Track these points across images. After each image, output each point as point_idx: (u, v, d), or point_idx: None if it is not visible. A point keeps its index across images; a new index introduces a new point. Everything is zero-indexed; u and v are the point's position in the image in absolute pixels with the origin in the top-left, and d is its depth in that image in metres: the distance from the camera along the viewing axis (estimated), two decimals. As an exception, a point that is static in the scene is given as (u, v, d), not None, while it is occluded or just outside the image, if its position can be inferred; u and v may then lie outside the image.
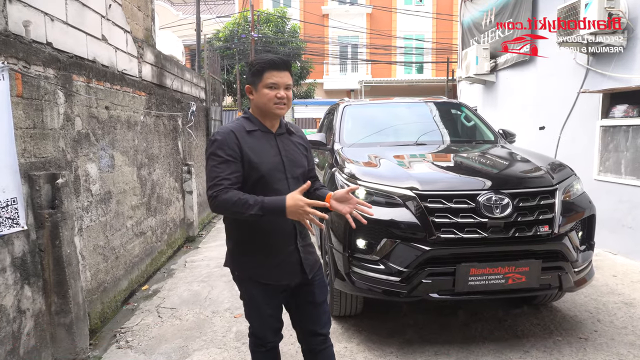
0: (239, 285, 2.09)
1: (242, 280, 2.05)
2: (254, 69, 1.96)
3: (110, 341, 3.30)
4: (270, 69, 1.93)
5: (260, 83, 1.93)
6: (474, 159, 3.50)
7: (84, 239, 3.38)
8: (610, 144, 5.12)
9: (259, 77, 1.94)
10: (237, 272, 2.05)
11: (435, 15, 23.45)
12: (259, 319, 2.09)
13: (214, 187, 1.83)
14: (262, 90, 1.93)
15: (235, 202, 1.79)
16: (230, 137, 1.90)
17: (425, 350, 2.99)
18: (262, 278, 1.98)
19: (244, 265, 2.01)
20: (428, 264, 2.71)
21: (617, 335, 3.16)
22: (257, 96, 1.96)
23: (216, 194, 1.81)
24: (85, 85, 3.50)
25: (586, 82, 5.40)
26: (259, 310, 2.06)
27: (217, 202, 1.81)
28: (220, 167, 1.85)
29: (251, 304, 2.06)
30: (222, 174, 1.84)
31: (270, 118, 2.00)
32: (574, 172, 3.24)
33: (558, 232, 2.79)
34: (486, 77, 7.90)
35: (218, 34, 20.26)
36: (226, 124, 2.05)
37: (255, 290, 2.02)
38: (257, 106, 1.98)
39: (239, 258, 2.02)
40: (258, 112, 2.01)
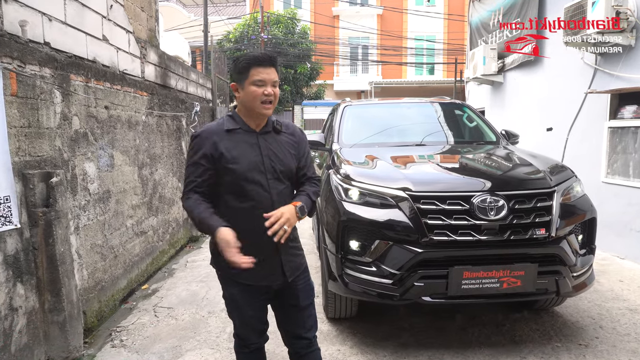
0: (221, 284, 2.08)
1: (223, 279, 2.05)
2: (239, 66, 1.91)
3: (106, 340, 3.31)
4: (256, 65, 1.88)
5: (246, 80, 1.88)
6: (472, 160, 3.44)
7: (81, 237, 3.40)
8: (619, 145, 5.00)
9: (245, 74, 1.89)
10: (219, 271, 2.04)
11: (447, 15, 23.27)
12: (240, 319, 2.08)
13: (185, 191, 1.94)
14: (248, 87, 1.88)
15: (191, 211, 1.90)
16: (208, 138, 1.90)
17: (419, 355, 2.94)
18: (241, 278, 1.94)
19: (224, 264, 1.91)
20: (420, 266, 2.66)
21: (619, 342, 3.07)
22: (244, 94, 1.90)
23: (184, 199, 1.94)
24: (84, 85, 3.52)
25: (594, 83, 5.28)
26: (240, 311, 2.04)
27: (184, 205, 1.95)
28: (191, 169, 1.92)
29: (232, 304, 2.05)
30: (190, 176, 1.92)
31: (255, 117, 1.95)
32: (574, 174, 3.16)
33: (556, 235, 2.72)
34: (494, 78, 7.80)
35: (228, 35, 20.36)
36: (210, 122, 2.06)
37: (235, 290, 1.99)
38: (243, 104, 1.94)
39: (220, 257, 1.92)
40: (244, 110, 1.96)
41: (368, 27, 23.53)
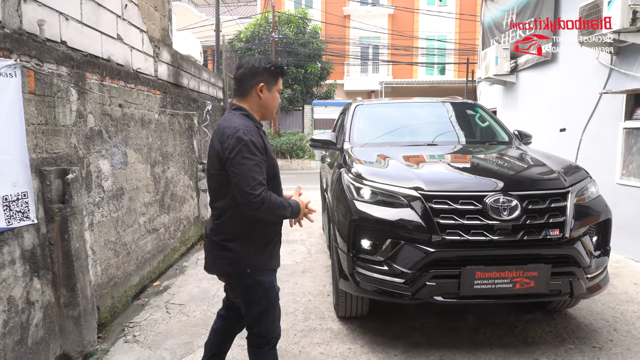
0: (252, 282, 2.03)
1: (260, 273, 2.03)
2: (273, 70, 2.02)
3: (119, 335, 3.35)
4: (282, 75, 2.09)
5: (275, 86, 2.04)
6: (485, 160, 3.42)
7: (95, 233, 3.44)
8: (634, 146, 4.93)
9: (275, 80, 2.04)
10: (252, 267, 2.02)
11: (459, 15, 23.13)
12: (273, 312, 2.11)
13: (256, 189, 1.84)
14: (275, 93, 2.05)
15: (279, 205, 1.93)
16: (259, 137, 1.93)
17: (430, 355, 2.93)
18: (274, 265, 2.10)
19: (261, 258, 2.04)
20: (433, 266, 2.66)
21: (635, 345, 3.03)
22: (269, 97, 2.04)
23: (262, 197, 1.85)
24: (99, 83, 3.56)
25: (609, 83, 5.21)
26: (272, 302, 2.09)
27: (266, 204, 1.86)
28: (259, 167, 1.88)
29: (269, 295, 2.07)
30: (260, 176, 1.87)
31: (265, 118, 2.11)
32: (589, 175, 3.12)
33: (570, 236, 2.69)
34: (506, 78, 7.73)
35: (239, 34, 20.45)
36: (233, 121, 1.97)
37: (272, 277, 2.10)
38: (264, 106, 2.05)
39: (257, 253, 2.02)
40: (259, 111, 2.05)
41: (379, 27, 23.48)
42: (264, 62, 2.02)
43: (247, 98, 2.03)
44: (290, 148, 18.87)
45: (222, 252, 2.03)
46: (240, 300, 2.13)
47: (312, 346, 3.08)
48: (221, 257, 2.05)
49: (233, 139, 1.87)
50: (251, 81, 2.01)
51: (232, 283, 2.12)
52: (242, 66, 2.05)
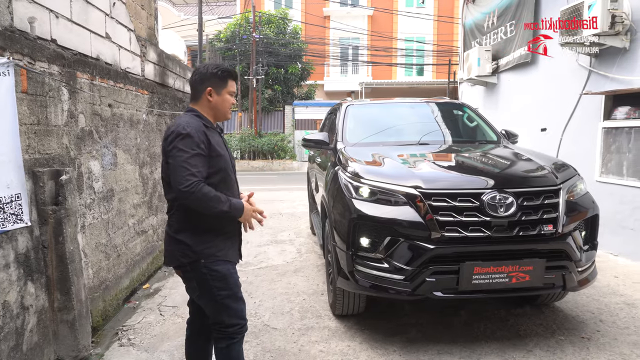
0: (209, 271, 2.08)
1: (214, 262, 2.08)
2: (220, 74, 2.15)
3: (112, 339, 3.29)
4: (232, 78, 2.20)
5: (225, 89, 2.17)
6: (478, 158, 3.50)
7: (87, 236, 3.38)
8: (613, 145, 5.13)
9: (224, 83, 2.16)
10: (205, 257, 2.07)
11: (437, 17, 23.50)
12: (236, 300, 2.16)
13: (189, 179, 1.91)
14: (225, 95, 2.17)
15: (212, 197, 1.97)
16: (201, 132, 2.02)
17: (428, 349, 2.99)
18: (230, 257, 2.16)
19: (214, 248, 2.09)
20: (432, 262, 2.71)
21: (620, 335, 3.15)
22: (220, 100, 2.16)
23: (194, 187, 1.92)
24: (89, 83, 3.50)
25: (588, 84, 5.41)
26: (237, 286, 2.17)
27: (197, 195, 1.92)
28: (194, 160, 1.95)
29: (227, 281, 2.11)
30: (194, 168, 1.95)
31: (218, 120, 2.22)
32: (577, 172, 3.24)
33: (562, 232, 2.79)
34: (488, 79, 7.91)
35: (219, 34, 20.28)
36: (180, 119, 2.12)
37: (230, 266, 2.14)
38: (215, 108, 2.17)
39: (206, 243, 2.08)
40: (211, 113, 2.18)
41: (359, 28, 23.65)
42: (210, 68, 2.16)
43: (198, 102, 2.17)
44: (272, 149, 18.82)
45: (175, 244, 2.12)
46: (197, 294, 2.18)
47: (311, 344, 3.10)
48: (175, 249, 2.12)
49: (173, 134, 2.01)
50: (200, 86, 2.15)
51: (188, 275, 2.15)
52: (193, 74, 2.22)
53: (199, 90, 2.16)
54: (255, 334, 3.29)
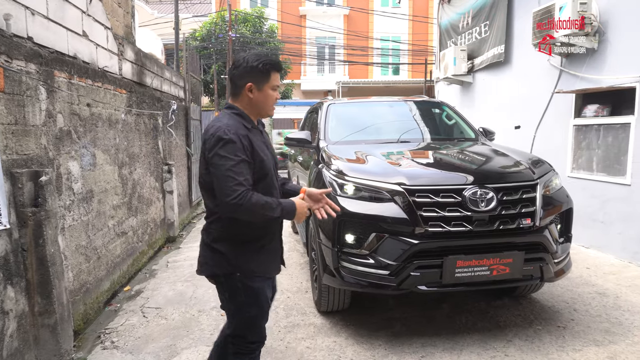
0: (242, 286, 1.96)
1: (250, 278, 1.96)
2: (262, 67, 1.93)
3: (95, 342, 3.24)
4: (276, 70, 1.97)
5: (267, 83, 1.95)
6: (458, 155, 3.59)
7: (66, 238, 3.31)
8: (583, 142, 5.33)
9: (266, 77, 1.95)
10: (243, 272, 1.95)
11: (412, 17, 23.81)
12: (263, 317, 2.05)
13: (236, 190, 1.76)
14: (267, 90, 1.96)
15: (263, 205, 1.81)
16: (243, 135, 1.86)
17: (412, 342, 3.06)
18: (268, 272, 2.01)
19: (252, 262, 1.95)
20: (416, 257, 2.78)
21: (593, 323, 3.30)
22: (261, 95, 1.96)
23: (242, 198, 1.77)
24: (67, 82, 3.43)
25: (560, 83, 5.60)
26: (263, 306, 2.02)
27: (246, 206, 1.77)
28: (238, 167, 1.80)
29: (259, 300, 1.99)
30: (240, 176, 1.79)
31: (260, 117, 2.04)
32: (552, 168, 3.37)
33: (539, 225, 2.90)
34: (463, 78, 8.08)
35: (195, 33, 20.02)
36: (220, 120, 1.94)
37: (264, 284, 2.00)
38: (255, 105, 1.98)
39: (247, 256, 1.95)
40: (252, 110, 2.00)
41: (335, 27, 23.74)
42: (251, 61, 1.94)
43: (239, 98, 1.99)
44: (250, 148, 18.64)
45: (211, 253, 1.98)
46: (225, 305, 2.04)
47: (298, 341, 3.13)
48: (210, 258, 1.98)
49: (213, 139, 1.84)
50: (240, 82, 1.96)
51: (221, 286, 2.02)
52: (234, 65, 2.01)
53: (238, 86, 1.97)
54: (242, 332, 3.29)
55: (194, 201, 8.36)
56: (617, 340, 3.02)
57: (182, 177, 7.64)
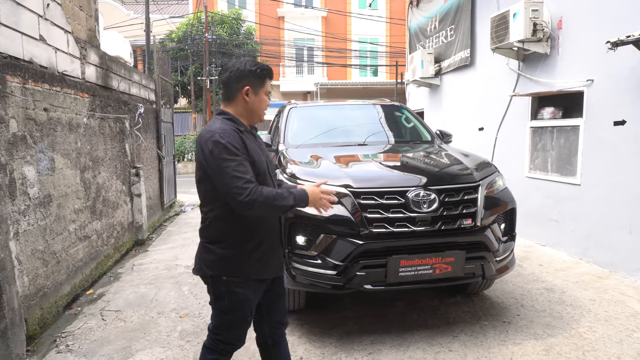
0: (227, 290, 1.97)
1: (234, 283, 1.96)
2: (259, 73, 1.99)
3: (50, 346, 3.25)
4: (270, 77, 2.05)
5: (262, 88, 2.01)
6: (408, 158, 3.71)
7: (21, 243, 3.31)
8: (539, 143, 5.53)
9: (262, 82, 2.01)
10: (229, 276, 1.96)
11: (389, 19, 24.07)
12: (243, 323, 2.05)
13: (247, 187, 1.79)
14: (262, 95, 2.02)
15: (275, 196, 1.85)
16: (236, 137, 1.89)
17: (362, 340, 3.16)
18: (260, 275, 2.00)
19: (240, 266, 1.95)
20: (362, 257, 2.88)
21: (536, 317, 3.45)
22: (256, 100, 2.00)
23: (254, 193, 1.80)
24: (21, 87, 3.43)
25: (518, 86, 5.80)
26: (246, 313, 2.02)
27: (260, 199, 1.80)
28: (242, 167, 1.83)
29: (242, 307, 1.99)
30: (246, 174, 1.83)
31: (252, 122, 2.07)
32: (497, 170, 3.51)
33: (481, 225, 3.03)
34: (431, 81, 8.26)
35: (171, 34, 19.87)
36: (213, 125, 1.95)
37: (249, 291, 1.99)
38: (250, 109, 2.01)
39: (235, 260, 1.95)
40: (245, 114, 2.02)
41: (313, 29, 23.84)
42: (249, 65, 1.98)
43: (233, 102, 2.01)
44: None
45: (205, 253, 2.01)
46: (212, 304, 2.07)
47: (251, 341, 3.12)
48: (203, 259, 2.01)
49: (210, 143, 1.85)
50: (236, 85, 1.98)
51: (208, 287, 2.05)
52: (227, 69, 2.04)
53: (233, 90, 1.98)
54: (198, 333, 3.35)
55: (166, 204, 8.33)
56: (555, 334, 3.17)
57: (153, 180, 7.61)
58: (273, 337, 2.25)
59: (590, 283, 4.18)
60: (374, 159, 3.68)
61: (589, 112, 4.69)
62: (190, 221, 7.93)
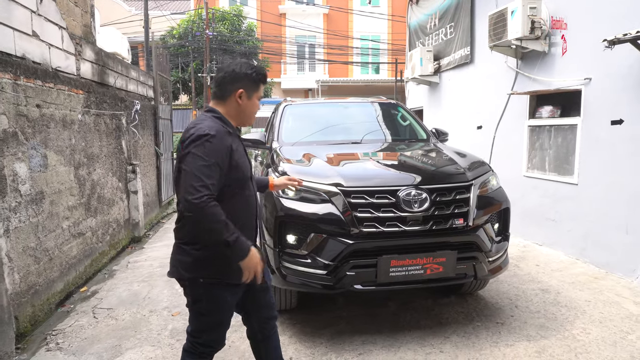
0: (205, 292, 1.94)
1: (211, 285, 1.93)
2: (255, 76, 1.98)
3: (40, 344, 3.24)
4: (264, 82, 2.04)
5: (256, 93, 2.01)
6: (401, 156, 3.68)
7: (12, 240, 3.30)
8: (537, 142, 5.49)
9: (257, 86, 2.00)
10: (206, 278, 1.93)
11: (391, 16, 23.97)
12: (222, 325, 2.04)
13: (201, 191, 1.72)
14: (254, 100, 2.01)
15: (220, 220, 1.75)
16: (225, 139, 1.85)
17: (353, 340, 3.13)
18: (233, 279, 1.92)
19: (217, 268, 1.90)
20: (352, 257, 2.85)
21: (530, 319, 3.42)
22: (249, 104, 1.99)
23: (204, 201, 1.72)
24: (12, 83, 3.41)
25: (516, 84, 5.75)
26: (224, 315, 2.01)
27: (206, 211, 1.73)
28: (209, 170, 1.77)
29: (220, 308, 1.97)
30: (209, 179, 1.76)
31: (240, 125, 2.06)
32: (491, 169, 3.47)
33: (473, 225, 2.99)
34: (430, 79, 8.21)
35: (172, 31, 19.84)
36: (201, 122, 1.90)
37: (227, 293, 1.96)
38: (241, 112, 1.99)
39: (211, 262, 1.90)
40: (235, 116, 1.99)
41: (314, 26, 23.78)
42: (245, 68, 1.96)
43: (225, 102, 1.98)
44: (228, 147, 18.58)
45: (179, 255, 1.96)
46: (189, 306, 2.03)
47: (242, 340, 3.17)
48: (179, 260, 1.96)
49: (192, 137, 1.81)
50: (230, 86, 1.95)
51: (185, 289, 2.01)
52: (222, 69, 2.00)
53: (227, 90, 1.95)
54: (188, 332, 3.33)
55: (164, 201, 8.32)
56: (548, 335, 3.14)
57: (151, 176, 7.60)
58: (263, 332, 2.25)
59: (587, 284, 4.14)
60: (366, 157, 3.65)
61: (587, 111, 4.64)
62: (187, 218, 7.91)
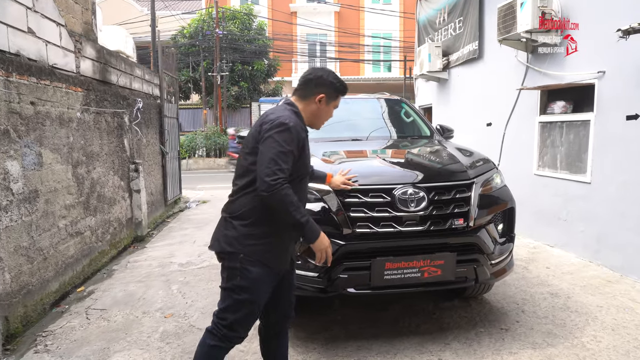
0: (241, 268, 1.96)
1: (250, 263, 1.96)
2: (338, 87, 2.14)
3: (30, 346, 3.18)
4: (343, 95, 2.19)
5: (333, 102, 2.17)
6: (400, 154, 3.53)
7: (3, 239, 3.24)
8: (548, 139, 5.27)
9: (336, 96, 2.16)
10: (246, 255, 1.96)
11: (402, 14, 23.69)
12: (251, 306, 2.01)
13: (277, 174, 1.84)
14: (331, 108, 2.18)
15: (292, 202, 1.88)
16: (301, 132, 1.98)
17: (348, 345, 3.00)
18: (271, 262, 2.01)
19: (260, 247, 1.97)
20: (344, 258, 2.71)
21: (537, 325, 3.24)
22: (325, 109, 2.15)
23: (279, 183, 1.84)
24: (4, 79, 3.36)
25: (526, 79, 5.53)
26: (255, 295, 2.00)
27: (280, 192, 1.84)
28: (286, 156, 1.89)
29: (254, 287, 1.98)
30: (285, 164, 1.87)
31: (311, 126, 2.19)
32: (495, 166, 3.30)
33: (474, 225, 2.83)
34: (439, 75, 8.01)
35: (183, 30, 19.92)
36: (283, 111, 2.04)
37: (263, 274, 1.99)
38: (316, 114, 2.14)
39: (256, 240, 1.97)
40: (310, 118, 2.14)
41: (325, 25, 23.64)
42: (331, 76, 2.13)
43: (304, 101, 2.12)
44: (239, 146, 18.59)
45: (226, 229, 2.03)
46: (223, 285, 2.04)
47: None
48: (223, 234, 2.03)
49: (274, 123, 1.92)
50: (315, 89, 2.10)
51: (223, 264, 2.05)
52: (312, 72, 2.16)
53: (311, 91, 2.11)
54: (179, 335, 3.24)
55: (170, 200, 8.28)
56: (555, 343, 2.96)
57: (156, 175, 7.56)
58: (276, 328, 2.29)
59: (599, 288, 3.93)
60: (364, 154, 3.51)
61: (600, 106, 4.42)
62: (193, 218, 7.86)
